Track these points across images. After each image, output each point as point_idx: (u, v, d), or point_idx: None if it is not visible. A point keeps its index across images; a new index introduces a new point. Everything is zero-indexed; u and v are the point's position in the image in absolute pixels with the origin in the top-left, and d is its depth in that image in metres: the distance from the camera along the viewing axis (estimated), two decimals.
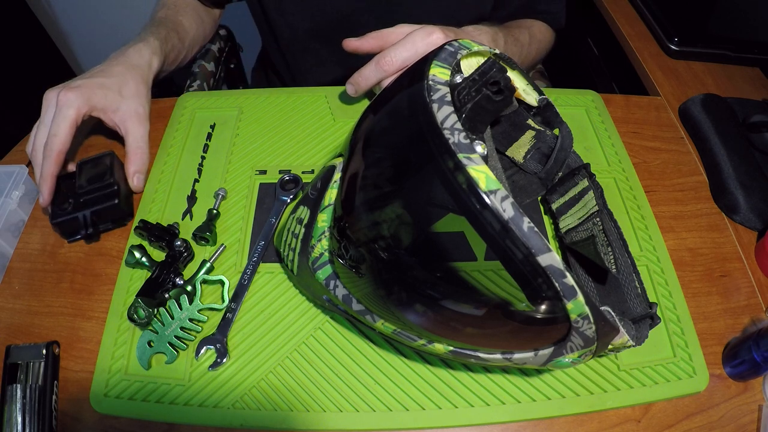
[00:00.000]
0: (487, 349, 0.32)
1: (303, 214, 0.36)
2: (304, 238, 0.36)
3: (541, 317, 0.28)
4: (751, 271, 0.49)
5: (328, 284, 0.35)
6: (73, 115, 0.49)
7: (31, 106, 0.80)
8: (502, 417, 0.40)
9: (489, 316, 0.29)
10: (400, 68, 0.49)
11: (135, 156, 0.53)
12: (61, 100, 0.49)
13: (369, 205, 0.29)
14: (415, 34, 0.49)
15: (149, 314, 0.42)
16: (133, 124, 0.53)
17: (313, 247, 0.35)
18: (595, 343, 0.29)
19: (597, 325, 0.28)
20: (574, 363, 0.32)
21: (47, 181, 0.48)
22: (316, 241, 0.35)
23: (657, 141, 0.60)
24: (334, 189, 0.33)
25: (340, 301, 0.35)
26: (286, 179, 0.52)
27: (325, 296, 0.37)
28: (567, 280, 0.25)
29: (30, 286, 0.47)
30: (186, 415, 0.39)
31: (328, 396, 0.40)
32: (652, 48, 0.73)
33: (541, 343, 0.31)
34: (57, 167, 0.48)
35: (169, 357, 0.41)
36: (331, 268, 0.35)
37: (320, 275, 0.36)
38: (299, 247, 0.37)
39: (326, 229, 0.34)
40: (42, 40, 1.24)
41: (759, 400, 0.42)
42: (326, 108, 0.60)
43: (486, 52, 0.33)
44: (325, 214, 0.34)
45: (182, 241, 0.46)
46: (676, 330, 0.44)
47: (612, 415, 0.41)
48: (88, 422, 0.40)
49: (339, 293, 0.35)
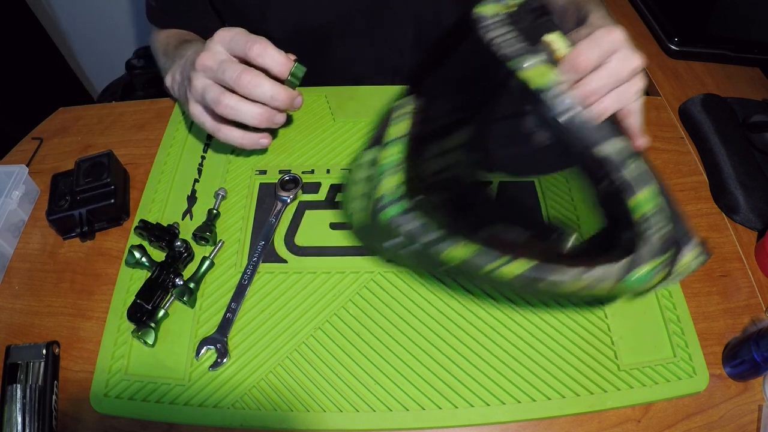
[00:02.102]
0: (564, 270, 0.32)
1: (372, 155, 0.36)
2: (370, 180, 0.36)
3: (612, 214, 0.28)
4: (751, 271, 0.49)
5: (396, 222, 0.34)
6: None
7: (31, 106, 0.80)
8: (502, 417, 0.40)
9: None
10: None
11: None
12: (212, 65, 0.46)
13: (456, 123, 0.31)
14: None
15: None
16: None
17: (377, 186, 0.35)
18: (668, 250, 0.29)
19: (672, 220, 0.28)
20: (646, 281, 0.31)
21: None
22: (381, 178, 0.34)
23: (657, 141, 0.60)
24: (402, 121, 0.33)
25: (411, 236, 0.34)
26: (286, 179, 0.52)
27: (387, 243, 0.36)
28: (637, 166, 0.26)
29: (30, 286, 0.47)
30: (186, 415, 0.39)
31: (328, 396, 0.40)
32: (652, 48, 0.73)
33: (614, 254, 0.31)
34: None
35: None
36: (398, 207, 0.34)
37: (388, 212, 0.34)
38: (364, 191, 0.37)
39: (394, 165, 0.34)
40: (42, 40, 1.24)
41: (759, 400, 0.42)
42: (326, 108, 0.60)
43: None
44: (394, 147, 0.34)
45: (182, 241, 0.46)
46: (676, 330, 0.44)
47: (612, 415, 0.41)
48: (88, 422, 0.40)
49: (411, 227, 0.34)
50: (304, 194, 0.52)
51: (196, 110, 0.49)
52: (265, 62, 0.45)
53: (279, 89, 0.46)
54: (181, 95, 0.53)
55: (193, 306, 0.44)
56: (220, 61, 0.45)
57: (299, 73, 0.47)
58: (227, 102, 0.46)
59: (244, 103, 0.46)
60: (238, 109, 0.46)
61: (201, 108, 0.49)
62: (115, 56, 1.26)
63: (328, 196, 0.52)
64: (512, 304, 0.45)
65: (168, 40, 0.63)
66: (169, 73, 0.55)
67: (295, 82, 0.47)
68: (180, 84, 0.52)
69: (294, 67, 0.46)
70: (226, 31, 0.46)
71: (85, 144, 0.58)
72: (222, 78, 0.45)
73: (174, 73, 0.53)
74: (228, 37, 0.46)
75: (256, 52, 0.45)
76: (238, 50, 0.46)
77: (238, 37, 0.46)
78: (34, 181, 0.53)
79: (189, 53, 0.52)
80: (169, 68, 0.55)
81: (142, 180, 0.54)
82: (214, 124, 0.49)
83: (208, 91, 0.46)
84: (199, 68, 0.46)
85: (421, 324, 0.44)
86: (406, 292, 0.45)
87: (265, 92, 0.45)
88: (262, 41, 0.45)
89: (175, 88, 0.54)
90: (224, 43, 0.46)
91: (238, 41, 0.45)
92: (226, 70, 0.45)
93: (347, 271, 0.47)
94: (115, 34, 1.30)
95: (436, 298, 0.45)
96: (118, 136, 0.59)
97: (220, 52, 0.46)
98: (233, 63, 0.45)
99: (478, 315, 0.44)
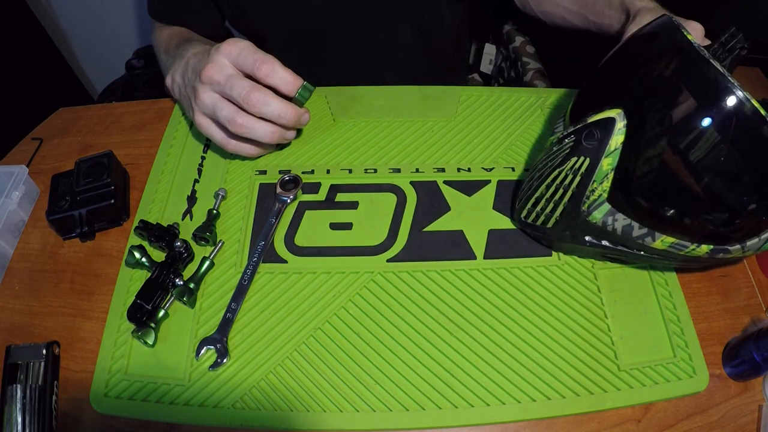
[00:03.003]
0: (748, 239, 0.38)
1: (578, 163, 0.40)
2: (579, 185, 0.41)
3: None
4: (751, 271, 0.49)
5: (605, 221, 0.41)
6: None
7: (31, 106, 0.80)
8: (502, 417, 0.40)
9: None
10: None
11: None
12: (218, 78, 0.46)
13: (667, 140, 0.36)
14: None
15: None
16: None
17: (594, 191, 0.40)
18: None
19: None
20: None
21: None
22: (599, 183, 0.39)
23: None
24: (620, 135, 0.38)
25: (618, 234, 0.41)
26: (286, 179, 0.52)
27: (588, 237, 0.43)
28: None
29: (30, 286, 0.47)
30: (186, 415, 0.39)
31: (328, 396, 0.40)
32: None
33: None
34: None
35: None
36: (608, 206, 0.40)
37: (597, 215, 0.41)
38: (569, 196, 0.42)
39: (610, 171, 0.39)
40: (42, 40, 1.24)
41: (759, 400, 0.42)
42: (326, 108, 0.60)
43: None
44: (611, 158, 0.38)
45: (182, 241, 0.46)
46: (676, 330, 0.44)
47: (612, 415, 0.41)
48: (88, 422, 0.40)
49: (619, 225, 0.40)
50: (304, 194, 0.52)
51: (203, 122, 0.49)
52: (274, 81, 0.46)
53: (287, 108, 0.46)
54: (183, 100, 0.53)
55: (193, 306, 0.44)
56: (227, 75, 0.46)
57: (306, 93, 0.47)
58: (242, 122, 0.46)
59: (257, 123, 0.47)
60: (252, 128, 0.47)
61: (209, 120, 0.49)
62: (115, 56, 1.26)
63: (328, 196, 0.52)
64: (512, 304, 0.45)
65: (170, 38, 0.63)
66: (169, 74, 0.55)
67: (302, 100, 0.48)
68: (181, 88, 0.52)
69: (302, 87, 0.47)
70: (232, 45, 0.46)
71: (85, 144, 0.58)
72: (230, 94, 0.46)
73: (174, 74, 0.53)
74: (235, 52, 0.46)
75: (265, 72, 0.45)
76: (245, 67, 0.46)
77: (245, 53, 0.46)
78: (34, 181, 0.53)
79: (189, 54, 0.52)
80: (170, 67, 0.55)
81: (142, 180, 0.54)
82: (224, 138, 0.50)
83: (220, 108, 0.47)
84: (206, 81, 0.46)
85: (421, 324, 0.44)
86: (406, 292, 0.45)
87: (273, 110, 0.46)
88: (270, 60, 0.46)
89: (176, 90, 0.54)
90: (231, 58, 0.46)
91: (246, 58, 0.46)
92: (234, 86, 0.45)
93: (347, 271, 0.47)
94: (115, 34, 1.30)
95: (436, 298, 0.45)
96: (118, 136, 0.59)
97: (226, 66, 0.46)
98: (241, 79, 0.45)
99: (478, 315, 0.44)
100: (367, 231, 0.49)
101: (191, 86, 0.49)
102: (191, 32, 0.66)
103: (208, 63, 0.46)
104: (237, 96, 0.45)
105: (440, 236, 0.49)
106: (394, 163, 0.54)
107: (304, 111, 0.49)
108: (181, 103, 0.56)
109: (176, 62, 0.54)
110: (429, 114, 0.59)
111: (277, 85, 0.46)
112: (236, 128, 0.46)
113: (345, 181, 0.53)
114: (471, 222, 0.50)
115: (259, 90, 0.45)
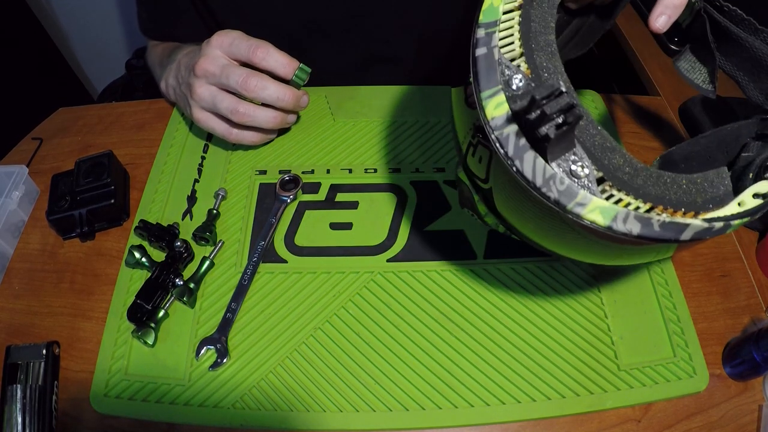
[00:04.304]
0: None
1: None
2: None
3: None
4: (751, 271, 0.49)
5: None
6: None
7: (31, 106, 0.80)
8: (502, 417, 0.40)
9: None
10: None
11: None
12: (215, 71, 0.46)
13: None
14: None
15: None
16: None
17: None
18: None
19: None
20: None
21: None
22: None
23: (657, 141, 0.60)
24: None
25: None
26: (286, 179, 0.52)
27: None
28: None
29: (30, 286, 0.47)
30: (186, 415, 0.39)
31: (328, 396, 0.40)
32: (652, 48, 0.73)
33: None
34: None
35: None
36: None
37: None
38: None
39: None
40: (42, 40, 1.24)
41: (759, 400, 0.42)
42: (326, 108, 0.60)
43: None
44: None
45: (182, 241, 0.46)
46: (676, 330, 0.44)
47: (612, 415, 0.41)
48: (88, 422, 0.40)
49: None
50: (304, 194, 0.52)
51: (201, 116, 0.49)
52: (270, 65, 0.46)
53: (285, 90, 0.46)
54: (180, 99, 0.53)
55: (193, 306, 0.44)
56: (221, 65, 0.46)
57: (303, 75, 0.47)
58: (244, 110, 0.46)
59: (259, 109, 0.47)
60: (255, 115, 0.47)
61: (208, 114, 0.49)
62: (115, 56, 1.26)
63: (328, 196, 0.52)
64: (512, 304, 0.45)
65: (163, 51, 0.63)
66: (162, 80, 0.55)
67: (300, 82, 0.48)
68: (176, 88, 0.52)
69: (298, 69, 0.47)
70: (224, 36, 0.46)
71: (85, 144, 0.58)
72: (226, 83, 0.45)
73: (167, 78, 0.53)
74: (227, 42, 0.46)
75: (260, 56, 0.45)
76: (239, 54, 0.46)
77: (238, 41, 0.46)
78: (34, 181, 0.53)
79: (179, 56, 0.52)
80: (163, 73, 0.55)
81: (142, 180, 0.54)
82: (226, 129, 0.50)
83: (220, 100, 0.47)
84: (200, 74, 0.46)
85: (421, 324, 0.44)
86: (406, 292, 0.45)
87: (272, 94, 0.46)
88: (264, 44, 0.46)
89: (171, 93, 0.54)
90: (223, 48, 0.46)
91: (239, 45, 0.46)
92: (230, 75, 0.45)
93: (347, 271, 0.47)
94: (115, 34, 1.30)
95: (437, 298, 0.45)
96: (118, 136, 0.59)
97: (219, 57, 0.46)
98: (236, 67, 0.45)
99: (478, 315, 0.44)
100: (367, 231, 0.49)
101: (186, 83, 0.49)
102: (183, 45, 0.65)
103: (201, 57, 0.46)
104: (234, 84, 0.45)
105: (440, 236, 0.49)
106: (394, 163, 0.54)
107: (303, 93, 0.49)
108: (178, 104, 0.56)
109: (167, 67, 0.54)
110: (429, 114, 0.59)
111: (274, 68, 0.46)
112: (239, 117, 0.46)
113: (345, 180, 0.53)
114: (471, 222, 0.50)
115: (256, 75, 0.45)
